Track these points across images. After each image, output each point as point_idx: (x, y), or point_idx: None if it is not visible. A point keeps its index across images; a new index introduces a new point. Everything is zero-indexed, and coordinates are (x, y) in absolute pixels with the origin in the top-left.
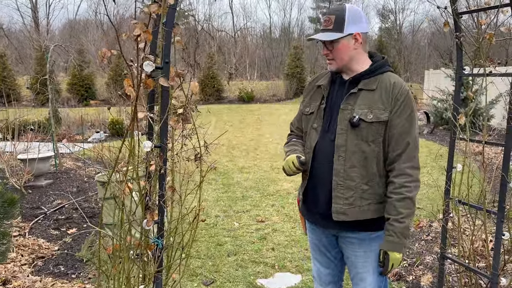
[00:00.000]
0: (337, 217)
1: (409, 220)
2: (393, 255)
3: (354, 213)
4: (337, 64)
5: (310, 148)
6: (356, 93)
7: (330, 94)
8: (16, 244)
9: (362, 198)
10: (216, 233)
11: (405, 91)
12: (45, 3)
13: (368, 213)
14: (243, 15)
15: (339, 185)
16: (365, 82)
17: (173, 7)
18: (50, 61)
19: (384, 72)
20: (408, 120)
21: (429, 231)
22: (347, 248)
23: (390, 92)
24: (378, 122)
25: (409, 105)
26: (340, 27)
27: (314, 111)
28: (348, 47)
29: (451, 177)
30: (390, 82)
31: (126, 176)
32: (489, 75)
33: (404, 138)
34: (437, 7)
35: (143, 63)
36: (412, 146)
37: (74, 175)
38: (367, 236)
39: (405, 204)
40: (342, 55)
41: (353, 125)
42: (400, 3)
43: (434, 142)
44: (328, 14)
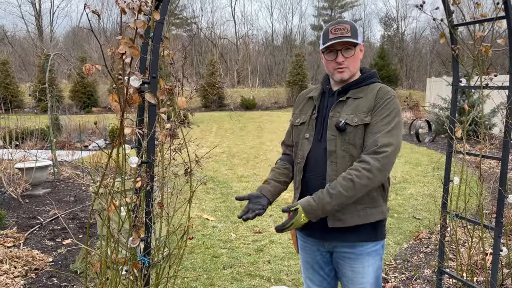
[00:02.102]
0: (333, 223)
1: (338, 202)
2: (300, 216)
3: (349, 218)
4: (350, 71)
5: (303, 158)
6: (344, 101)
7: (321, 104)
8: (10, 256)
9: (356, 203)
10: (212, 245)
11: (389, 95)
12: (49, 11)
13: (364, 217)
14: (244, 23)
15: None
16: (353, 91)
17: (160, 21)
18: (49, 69)
19: (372, 82)
20: (385, 119)
21: (428, 243)
22: (344, 263)
23: (374, 95)
24: (362, 124)
25: (389, 107)
26: (356, 35)
27: (306, 121)
28: (359, 56)
29: (448, 190)
30: (377, 88)
31: (112, 192)
32: (485, 87)
33: (375, 133)
34: (433, 19)
35: (129, 78)
36: (382, 142)
37: (72, 183)
38: (363, 251)
39: (346, 184)
40: (355, 63)
41: (340, 130)
42: (402, 11)
43: (435, 151)
44: (340, 23)
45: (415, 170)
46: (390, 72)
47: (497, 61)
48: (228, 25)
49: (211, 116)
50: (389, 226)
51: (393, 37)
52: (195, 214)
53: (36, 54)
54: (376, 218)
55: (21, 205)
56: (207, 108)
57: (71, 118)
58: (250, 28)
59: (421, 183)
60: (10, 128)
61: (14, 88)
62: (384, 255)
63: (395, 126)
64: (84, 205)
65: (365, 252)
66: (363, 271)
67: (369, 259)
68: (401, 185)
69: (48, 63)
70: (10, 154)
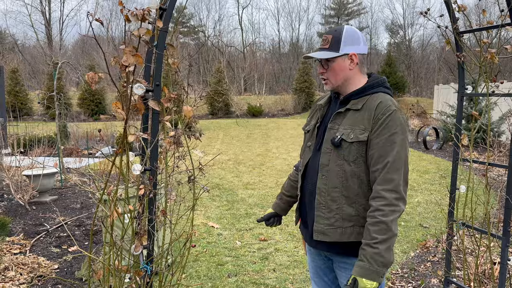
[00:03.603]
0: (317, 236)
1: (385, 246)
2: (362, 283)
3: (334, 234)
4: (331, 84)
5: (303, 165)
6: (343, 113)
7: (327, 113)
8: (16, 262)
9: (344, 220)
10: (217, 252)
11: (388, 111)
12: (58, 20)
13: (351, 236)
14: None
15: (321, 205)
16: (353, 101)
17: (164, 30)
18: (58, 77)
19: (375, 92)
20: (388, 141)
21: (435, 251)
22: (342, 273)
23: (372, 112)
24: (358, 142)
25: (390, 126)
26: (336, 47)
27: (311, 130)
28: (343, 67)
29: (455, 198)
30: (376, 102)
31: (115, 199)
32: (491, 95)
33: (382, 159)
34: (437, 26)
35: (132, 86)
36: (391, 167)
37: (79, 191)
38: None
39: (379, 228)
40: (337, 75)
41: (335, 145)
42: (409, 18)
43: (443, 159)
44: (326, 33)
45: (422, 178)
46: (398, 79)
47: (505, 68)
48: (235, 33)
49: (218, 123)
50: None
51: (400, 44)
52: (200, 221)
53: (46, 62)
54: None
55: (28, 212)
56: (214, 116)
57: (79, 125)
58: (257, 36)
59: (428, 191)
60: (18, 136)
61: (24, 96)
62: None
63: (397, 145)
64: (90, 212)
65: None
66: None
67: None
68: (409, 193)
69: (56, 71)
70: (18, 161)
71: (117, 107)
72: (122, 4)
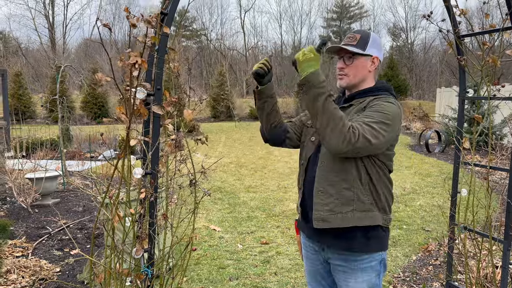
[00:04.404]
0: (317, 224)
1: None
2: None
3: (335, 219)
4: (348, 80)
5: (305, 159)
6: (346, 107)
7: None
8: (18, 265)
9: (343, 205)
10: (219, 256)
11: (386, 100)
12: (61, 24)
13: (351, 220)
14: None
15: (319, 191)
16: (357, 99)
17: (165, 34)
18: (61, 81)
19: (379, 94)
20: (371, 111)
21: (437, 255)
22: (339, 277)
23: (369, 103)
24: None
25: (383, 109)
26: (363, 46)
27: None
28: (364, 66)
29: (456, 202)
30: (378, 98)
31: (116, 203)
32: (492, 98)
33: (359, 117)
34: (439, 30)
35: (136, 90)
36: (364, 119)
37: (81, 194)
38: (357, 265)
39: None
40: (357, 73)
41: None
42: (411, 21)
43: (445, 162)
44: (354, 32)
45: (424, 181)
46: (400, 82)
47: (508, 71)
48: (237, 36)
49: (220, 126)
50: (398, 238)
51: (402, 47)
52: (202, 224)
53: (49, 65)
54: (364, 223)
55: (31, 215)
56: (216, 119)
57: (81, 128)
58: (259, 39)
59: (430, 194)
60: (21, 139)
61: (27, 99)
62: (393, 267)
63: (377, 123)
64: (93, 215)
65: (358, 267)
66: (355, 286)
67: (363, 275)
68: (410, 196)
69: (59, 74)
70: (21, 164)
71: (121, 112)
72: (128, 10)
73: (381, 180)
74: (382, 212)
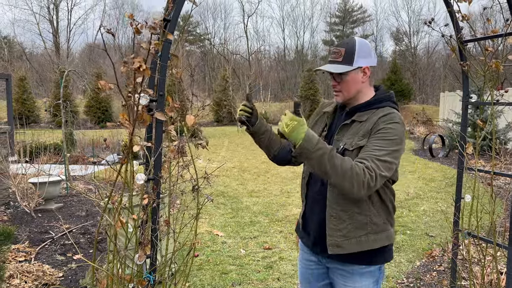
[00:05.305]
0: (332, 250)
1: (328, 162)
2: (302, 127)
3: (349, 245)
4: (344, 96)
5: (306, 173)
6: (348, 124)
7: (334, 122)
8: (21, 270)
9: (357, 229)
10: (221, 261)
11: (391, 121)
12: (66, 29)
13: (365, 244)
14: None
15: (332, 217)
16: (359, 114)
17: (167, 41)
18: (64, 85)
19: (382, 106)
20: (379, 138)
21: (441, 261)
22: (338, 280)
23: (376, 121)
24: (357, 148)
25: (389, 133)
26: (349, 60)
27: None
28: (356, 80)
29: (460, 208)
30: (381, 114)
31: (119, 208)
32: (496, 103)
33: (369, 149)
34: (442, 35)
35: (139, 97)
36: (376, 153)
37: (84, 198)
38: (355, 270)
39: (343, 161)
40: (350, 88)
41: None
42: (415, 25)
43: (449, 167)
44: (338, 46)
45: (428, 186)
46: (403, 86)
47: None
48: (240, 41)
49: (223, 131)
50: (402, 243)
51: (405, 51)
52: (204, 229)
53: (53, 70)
54: (381, 244)
55: (34, 220)
56: (219, 123)
57: (85, 133)
58: (262, 44)
59: (434, 199)
60: (25, 143)
61: (31, 103)
62: (396, 273)
63: (388, 144)
64: (96, 220)
65: (356, 272)
66: None
67: (361, 279)
68: (414, 201)
69: (62, 79)
70: (24, 168)
71: (124, 118)
72: (132, 17)
73: (387, 197)
74: (392, 226)
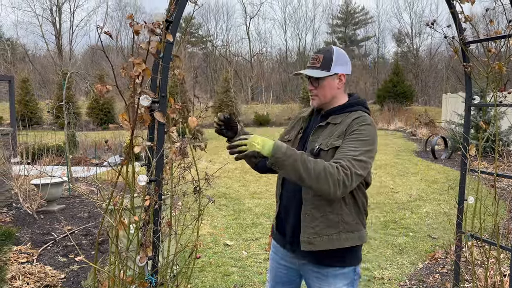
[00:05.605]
0: (305, 247)
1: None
2: (264, 143)
3: (321, 242)
4: (319, 100)
5: (280, 176)
6: (323, 126)
7: (309, 125)
8: (23, 272)
9: (329, 227)
10: (223, 263)
11: (363, 122)
12: (68, 30)
13: (337, 242)
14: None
15: (306, 214)
16: (333, 117)
17: (170, 42)
18: (67, 87)
19: (355, 110)
20: (353, 139)
21: (444, 263)
22: (314, 283)
23: (349, 123)
24: (333, 148)
25: (362, 134)
26: (327, 66)
27: (292, 140)
28: (332, 85)
29: (463, 210)
30: (354, 116)
31: (121, 210)
32: (499, 105)
33: (344, 149)
34: (444, 36)
35: (139, 97)
36: (351, 153)
37: (86, 200)
38: (329, 272)
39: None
40: (326, 93)
41: (314, 155)
42: (417, 27)
43: (452, 168)
44: (317, 52)
45: (431, 187)
46: (405, 88)
47: None
48: (242, 43)
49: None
50: (404, 246)
51: (407, 53)
52: (206, 231)
53: (56, 72)
54: (350, 243)
55: (36, 221)
56: None
57: (87, 134)
58: (264, 45)
59: (437, 201)
60: (28, 145)
61: (34, 105)
62: (399, 275)
63: (361, 144)
64: (98, 221)
65: (331, 274)
66: None
67: (336, 281)
68: (417, 203)
69: (65, 81)
70: (26, 170)
71: (124, 119)
72: (132, 17)
73: (360, 199)
74: (364, 227)
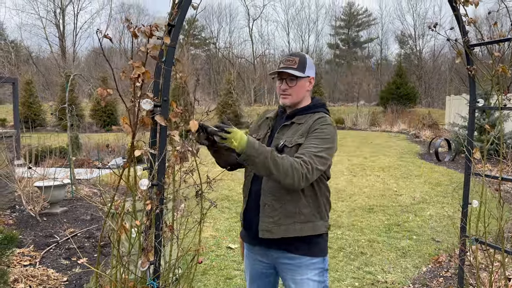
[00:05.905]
0: (262, 234)
1: (269, 162)
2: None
3: (278, 231)
4: (292, 99)
5: (251, 171)
6: (288, 125)
7: (275, 125)
8: (26, 275)
9: (287, 217)
10: (226, 266)
11: (324, 122)
12: (71, 33)
13: (292, 231)
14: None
15: (266, 205)
16: (298, 117)
17: (172, 46)
18: (70, 89)
19: (317, 111)
20: (315, 138)
21: (448, 266)
22: (287, 276)
23: (312, 123)
24: (296, 145)
25: (323, 132)
26: (302, 68)
27: (261, 138)
28: (304, 87)
29: (467, 213)
30: (316, 117)
31: (122, 213)
32: (504, 108)
33: (306, 146)
34: (447, 39)
35: (140, 101)
36: (313, 150)
37: (89, 202)
38: (302, 263)
39: (282, 162)
40: (299, 92)
41: (279, 150)
42: (420, 29)
43: (456, 171)
44: (291, 55)
45: (434, 190)
46: (409, 90)
47: None
48: (245, 45)
49: None
50: (408, 249)
51: (410, 54)
52: (209, 233)
53: (59, 74)
54: (306, 233)
55: (39, 223)
56: None
57: (90, 136)
58: (267, 47)
59: (440, 204)
60: (31, 147)
61: (37, 107)
62: (402, 279)
63: (321, 142)
64: (100, 224)
65: (303, 264)
66: (302, 282)
67: (307, 272)
68: (420, 205)
69: (68, 83)
70: (29, 172)
71: (125, 122)
72: (129, 21)
73: (321, 190)
74: (324, 220)
